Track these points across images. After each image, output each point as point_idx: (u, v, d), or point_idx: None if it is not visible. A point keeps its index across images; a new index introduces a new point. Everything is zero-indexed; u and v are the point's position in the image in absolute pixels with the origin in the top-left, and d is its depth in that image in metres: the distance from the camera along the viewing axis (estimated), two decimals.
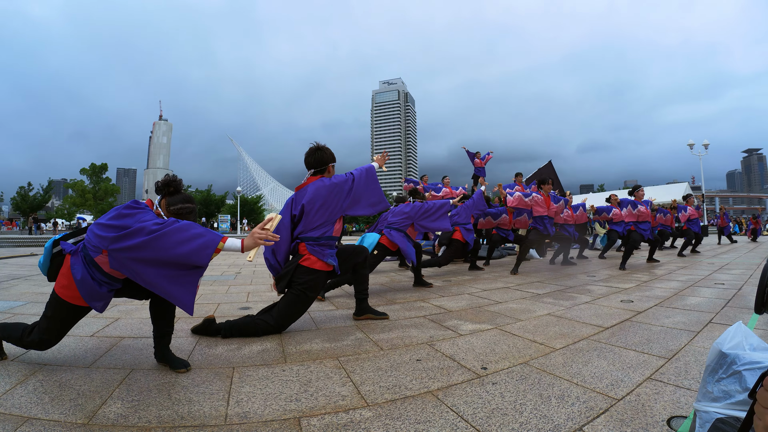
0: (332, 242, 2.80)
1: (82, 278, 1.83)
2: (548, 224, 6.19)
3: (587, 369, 1.96)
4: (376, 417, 1.49)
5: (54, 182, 50.27)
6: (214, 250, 1.79)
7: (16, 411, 1.51)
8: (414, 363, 2.08)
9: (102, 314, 3.19)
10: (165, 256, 1.76)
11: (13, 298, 4.01)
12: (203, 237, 1.79)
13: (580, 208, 8.28)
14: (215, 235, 1.82)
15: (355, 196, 2.87)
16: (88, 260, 1.86)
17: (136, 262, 1.78)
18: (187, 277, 1.85)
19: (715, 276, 5.38)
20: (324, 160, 2.86)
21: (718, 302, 3.56)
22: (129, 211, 1.84)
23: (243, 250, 1.88)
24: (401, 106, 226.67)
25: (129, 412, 1.52)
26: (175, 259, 1.77)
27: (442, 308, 3.48)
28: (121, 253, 1.76)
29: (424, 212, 4.70)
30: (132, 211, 1.84)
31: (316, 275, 2.69)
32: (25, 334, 1.93)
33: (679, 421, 1.42)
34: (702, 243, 11.77)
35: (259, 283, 5.35)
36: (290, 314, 2.63)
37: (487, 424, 1.43)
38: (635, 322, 2.90)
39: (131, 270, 1.80)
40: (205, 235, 1.80)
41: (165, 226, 1.76)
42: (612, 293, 4.11)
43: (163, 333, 2.03)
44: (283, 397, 1.66)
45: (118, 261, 1.79)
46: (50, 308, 1.90)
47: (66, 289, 1.86)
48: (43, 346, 1.94)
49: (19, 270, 6.75)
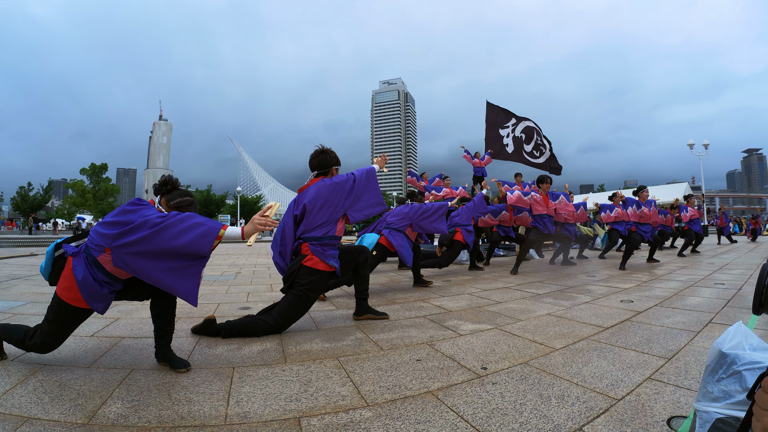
0: (335, 242, 2.80)
1: (84, 278, 1.84)
2: (548, 223, 6.20)
3: (587, 369, 1.96)
4: (376, 417, 1.49)
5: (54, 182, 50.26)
6: (216, 237, 1.82)
7: (16, 411, 1.52)
8: (414, 363, 2.08)
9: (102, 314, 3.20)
10: (168, 247, 1.77)
11: (13, 298, 4.01)
12: (204, 225, 1.82)
13: (581, 207, 8.28)
14: (216, 223, 1.86)
15: (356, 195, 2.89)
16: (90, 260, 1.86)
17: (139, 257, 1.79)
18: (190, 268, 1.86)
19: (715, 276, 5.38)
20: (328, 162, 2.88)
21: (718, 302, 3.56)
22: (132, 207, 1.88)
23: (243, 237, 1.92)
24: (401, 106, 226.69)
25: (129, 412, 1.52)
26: (178, 250, 1.79)
27: (442, 308, 3.48)
28: (124, 249, 1.78)
29: (422, 213, 4.72)
30: (135, 207, 1.88)
31: (318, 276, 2.69)
32: (27, 337, 1.94)
33: (679, 421, 1.42)
34: (702, 243, 11.78)
35: (259, 283, 5.35)
36: (291, 315, 2.63)
37: (487, 424, 1.43)
38: (635, 322, 2.90)
39: (133, 267, 1.81)
40: (206, 223, 1.84)
41: (168, 218, 1.80)
42: (612, 293, 4.11)
43: (163, 332, 2.03)
44: (283, 397, 1.66)
45: (121, 258, 1.80)
46: (52, 311, 1.91)
47: (68, 291, 1.87)
48: (45, 349, 1.94)
49: (19, 270, 6.76)
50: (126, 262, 1.81)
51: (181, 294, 1.85)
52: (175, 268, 1.83)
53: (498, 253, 8.89)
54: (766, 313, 0.73)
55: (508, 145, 10.40)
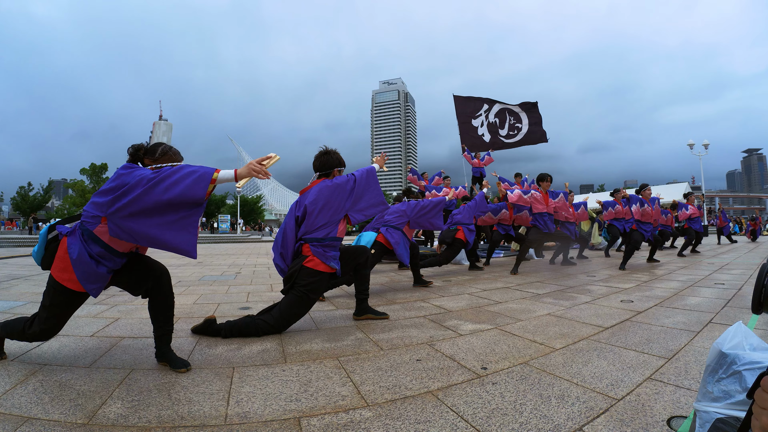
0: (336, 243, 2.80)
1: (79, 256, 1.82)
2: (548, 221, 6.20)
3: (587, 369, 1.96)
4: (376, 417, 1.49)
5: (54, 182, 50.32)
6: (210, 181, 1.82)
7: (16, 411, 1.52)
8: (414, 363, 2.08)
9: (102, 314, 3.20)
10: (162, 200, 1.76)
11: (13, 298, 4.02)
12: (198, 171, 1.83)
13: (582, 207, 8.28)
14: (209, 168, 1.86)
15: (357, 196, 2.90)
16: (86, 236, 1.84)
17: (135, 218, 1.77)
18: (185, 219, 1.85)
19: (715, 276, 5.38)
20: (330, 164, 2.89)
21: (718, 302, 3.56)
22: (126, 170, 1.85)
23: (236, 179, 1.93)
24: (401, 106, 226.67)
25: (129, 412, 1.52)
26: (172, 201, 1.77)
27: (442, 308, 3.48)
28: (120, 213, 1.76)
29: (420, 209, 4.73)
30: (129, 169, 1.86)
31: (319, 277, 2.69)
32: (26, 326, 1.94)
33: (679, 421, 1.42)
34: (702, 243, 11.78)
35: (259, 283, 5.35)
36: (291, 315, 2.63)
37: (487, 424, 1.43)
38: (635, 322, 2.90)
39: (129, 230, 1.79)
40: (199, 170, 1.83)
41: (161, 172, 1.80)
42: (612, 293, 4.11)
43: (162, 332, 2.03)
44: (283, 397, 1.66)
45: (117, 224, 1.78)
46: (47, 296, 1.90)
47: (62, 273, 1.85)
48: (44, 336, 1.94)
49: (19, 270, 6.76)
50: (122, 227, 1.78)
51: (179, 248, 1.83)
52: (170, 222, 1.81)
53: (498, 255, 8.88)
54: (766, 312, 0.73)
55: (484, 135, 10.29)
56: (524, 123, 10.62)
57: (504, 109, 10.50)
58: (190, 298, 4.09)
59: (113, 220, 1.79)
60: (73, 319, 2.85)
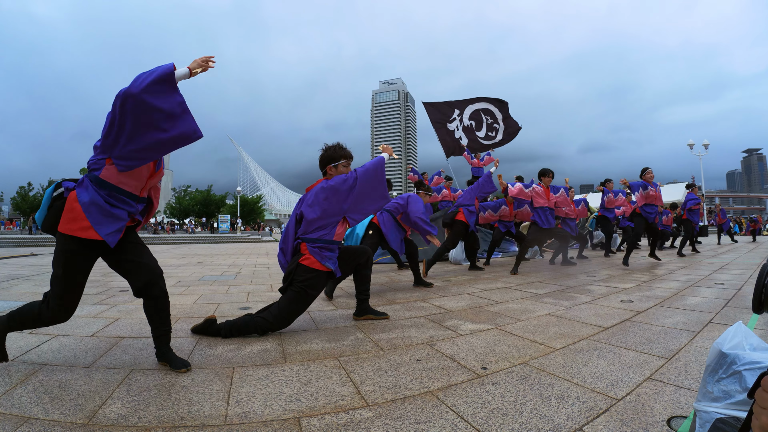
0: (332, 246, 2.78)
1: (91, 199, 1.76)
2: (549, 216, 6.19)
3: (587, 369, 1.96)
4: (376, 417, 1.49)
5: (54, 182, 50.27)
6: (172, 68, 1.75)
7: (16, 411, 1.51)
8: (414, 363, 2.08)
9: (102, 314, 3.20)
10: (149, 106, 1.69)
11: (13, 298, 4.02)
12: (158, 67, 1.75)
13: (582, 203, 8.29)
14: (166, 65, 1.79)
15: (360, 193, 2.81)
16: (95, 182, 1.80)
17: (133, 140, 1.72)
18: (180, 107, 1.77)
19: (715, 276, 5.38)
20: (321, 162, 2.92)
21: (718, 302, 3.56)
22: (113, 108, 1.79)
23: (191, 75, 1.85)
24: (401, 106, 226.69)
25: (129, 412, 1.52)
26: (155, 101, 1.70)
27: (442, 308, 3.48)
28: (119, 144, 1.73)
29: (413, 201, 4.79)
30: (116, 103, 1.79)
31: (316, 274, 2.69)
32: (42, 310, 1.87)
33: (679, 421, 1.42)
34: (702, 243, 11.77)
35: (259, 283, 5.35)
36: (290, 312, 2.63)
37: (487, 424, 1.43)
38: (635, 322, 2.90)
39: (134, 153, 1.75)
40: (159, 66, 1.75)
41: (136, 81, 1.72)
42: (612, 293, 4.11)
43: (160, 333, 2.02)
44: (283, 397, 1.66)
45: (121, 155, 1.75)
46: (57, 264, 1.80)
47: (73, 222, 1.76)
48: (62, 314, 1.87)
49: (19, 270, 6.76)
50: (125, 156, 1.75)
51: (185, 133, 1.78)
52: (165, 118, 1.74)
53: (496, 256, 8.88)
54: (767, 312, 0.73)
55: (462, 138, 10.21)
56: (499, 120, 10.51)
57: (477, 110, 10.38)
58: (190, 298, 4.09)
59: (116, 154, 1.74)
60: (73, 319, 2.85)
